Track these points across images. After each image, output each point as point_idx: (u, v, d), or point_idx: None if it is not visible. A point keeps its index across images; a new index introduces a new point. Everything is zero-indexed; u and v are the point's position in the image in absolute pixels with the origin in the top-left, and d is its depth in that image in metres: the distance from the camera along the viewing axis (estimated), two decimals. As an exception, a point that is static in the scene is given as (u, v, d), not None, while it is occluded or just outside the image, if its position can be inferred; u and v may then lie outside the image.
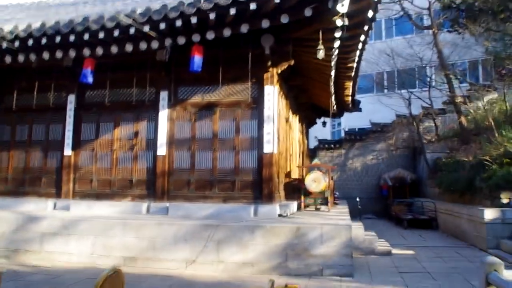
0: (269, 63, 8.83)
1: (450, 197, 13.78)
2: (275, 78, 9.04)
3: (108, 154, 9.74)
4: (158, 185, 9.24)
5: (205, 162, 9.15)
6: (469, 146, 15.30)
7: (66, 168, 9.85)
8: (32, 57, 8.81)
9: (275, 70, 8.97)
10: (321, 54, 7.77)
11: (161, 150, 9.27)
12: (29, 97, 10.03)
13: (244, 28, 7.66)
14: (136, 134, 9.62)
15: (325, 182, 10.52)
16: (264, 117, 8.82)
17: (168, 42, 8.05)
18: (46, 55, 8.70)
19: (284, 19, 7.41)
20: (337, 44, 8.19)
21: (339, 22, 7.29)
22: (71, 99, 9.99)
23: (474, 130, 16.26)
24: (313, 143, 22.50)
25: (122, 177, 9.59)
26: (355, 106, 16.70)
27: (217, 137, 9.14)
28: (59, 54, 8.63)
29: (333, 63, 9.33)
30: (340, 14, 7.12)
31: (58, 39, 8.15)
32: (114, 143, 9.73)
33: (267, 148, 8.74)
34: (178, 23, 7.50)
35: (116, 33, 7.84)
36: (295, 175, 12.47)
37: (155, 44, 8.13)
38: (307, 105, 15.00)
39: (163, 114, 9.35)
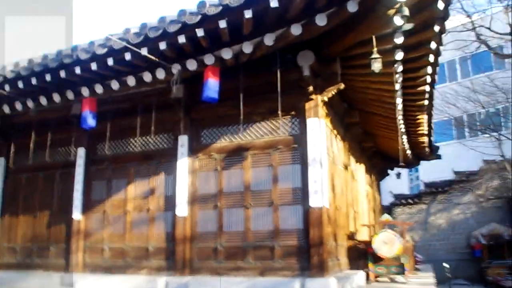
0: (311, 89, 6.75)
1: None
2: (321, 109, 6.93)
3: (121, 216, 7.93)
4: (178, 255, 7.16)
5: (235, 223, 7.02)
6: None
7: (75, 235, 8.10)
8: (29, 103, 7.50)
9: (319, 97, 6.88)
10: (376, 66, 5.63)
11: (181, 210, 7.29)
12: (37, 155, 8.64)
13: (269, 40, 5.73)
14: (152, 191, 7.77)
15: (400, 244, 7.90)
16: (309, 159, 6.62)
17: (176, 68, 6.32)
18: (43, 100, 7.35)
19: (321, 20, 5.39)
20: (399, 56, 6.05)
21: (397, 21, 5.13)
22: (81, 153, 8.43)
23: None
24: (388, 199, 19.62)
25: (137, 245, 7.67)
26: (434, 152, 13.95)
27: (249, 189, 7.03)
28: (56, 98, 7.24)
29: (397, 86, 7.11)
30: (397, 7, 5.00)
31: (48, 77, 6.75)
32: (128, 203, 7.92)
33: (315, 201, 6.46)
34: (182, 39, 5.76)
35: (110, 61, 6.26)
36: (363, 237, 9.87)
37: (160, 73, 6.44)
38: (374, 152, 12.53)
39: (183, 164, 7.46)
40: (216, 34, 5.76)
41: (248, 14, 5.30)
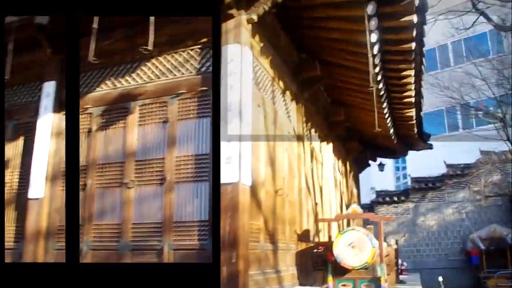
0: (229, 0, 4.26)
1: None
2: (246, 31, 4.41)
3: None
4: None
5: (111, 210, 4.48)
6: None
7: None
8: None
9: (243, 16, 4.37)
10: None
11: (36, 190, 4.75)
12: None
13: None
14: (8, 161, 5.23)
15: (374, 248, 5.38)
16: (222, 109, 4.11)
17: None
18: None
19: None
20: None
21: None
22: None
23: None
24: (369, 197, 17.20)
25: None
26: (423, 138, 11.46)
27: (133, 158, 4.50)
28: None
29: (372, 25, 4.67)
30: None
31: None
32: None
33: (228, 174, 3.93)
34: None
35: None
36: (324, 237, 7.36)
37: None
38: (347, 131, 9.99)
39: (45, 123, 4.93)
40: None
41: None
